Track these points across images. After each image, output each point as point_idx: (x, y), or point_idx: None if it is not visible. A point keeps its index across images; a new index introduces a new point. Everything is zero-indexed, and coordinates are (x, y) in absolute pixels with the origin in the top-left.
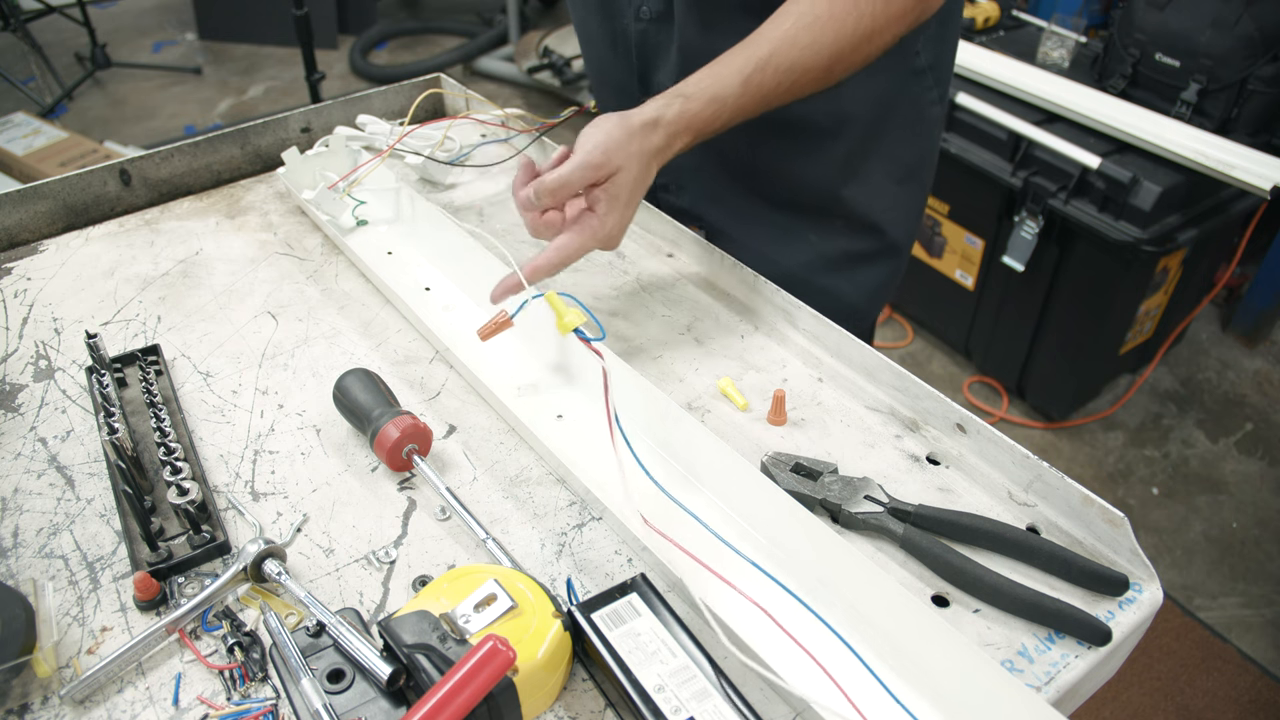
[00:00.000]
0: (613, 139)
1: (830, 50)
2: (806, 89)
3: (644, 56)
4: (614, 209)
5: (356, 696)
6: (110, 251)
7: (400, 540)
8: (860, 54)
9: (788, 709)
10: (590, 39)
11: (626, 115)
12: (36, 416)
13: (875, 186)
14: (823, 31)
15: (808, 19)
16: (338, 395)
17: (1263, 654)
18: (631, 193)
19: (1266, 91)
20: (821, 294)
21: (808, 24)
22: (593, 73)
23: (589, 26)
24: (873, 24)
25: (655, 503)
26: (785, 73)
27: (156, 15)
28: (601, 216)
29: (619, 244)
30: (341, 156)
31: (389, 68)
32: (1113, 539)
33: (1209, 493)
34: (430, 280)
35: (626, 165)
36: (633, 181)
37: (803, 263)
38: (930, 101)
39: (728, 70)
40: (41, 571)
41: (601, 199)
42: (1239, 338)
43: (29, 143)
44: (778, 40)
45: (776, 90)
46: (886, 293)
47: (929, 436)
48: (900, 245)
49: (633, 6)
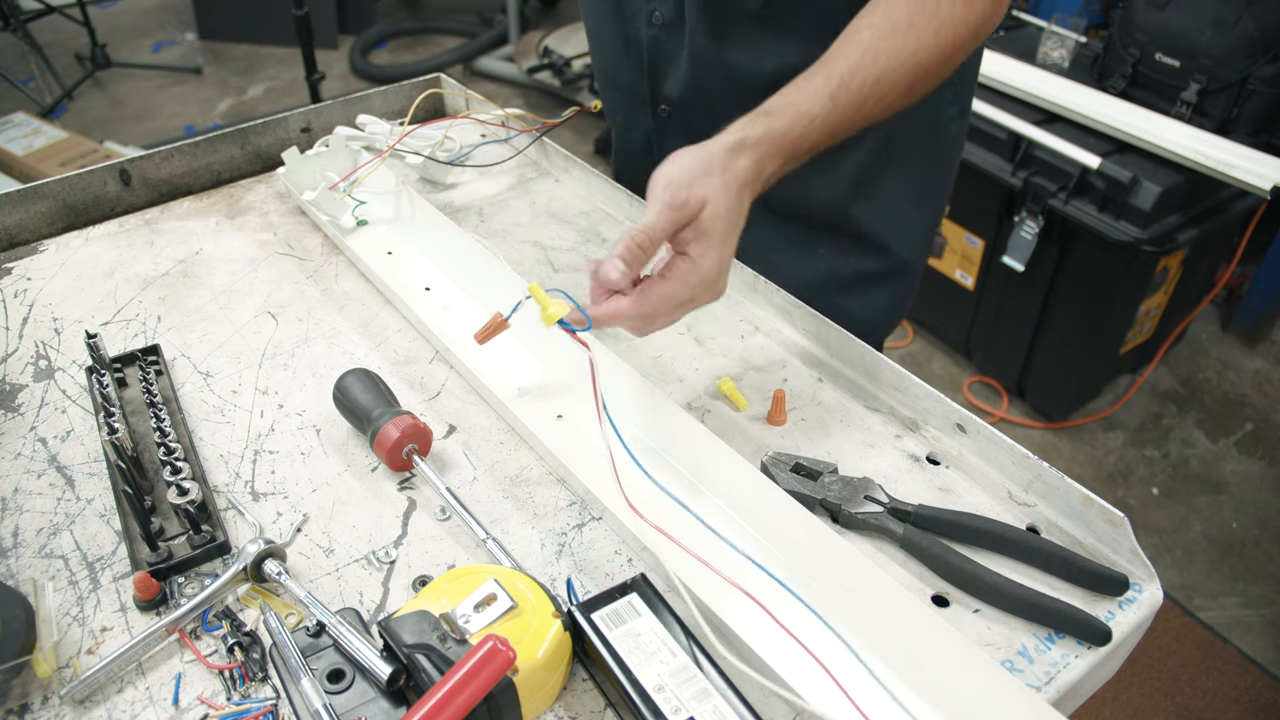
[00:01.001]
0: (689, 172)
1: (911, 63)
2: (891, 105)
3: (655, 61)
4: (709, 248)
5: (356, 696)
6: (110, 251)
7: (400, 540)
8: (943, 66)
9: (788, 709)
10: (602, 42)
11: (703, 145)
12: (36, 416)
13: (887, 205)
14: (904, 42)
15: (884, 28)
16: (338, 395)
17: (1263, 654)
18: (726, 229)
19: (1266, 91)
20: (831, 312)
21: (886, 33)
22: (602, 75)
23: (601, 29)
24: (953, 33)
25: (648, 496)
26: (871, 87)
27: (156, 15)
28: (696, 258)
29: (723, 290)
30: (341, 156)
31: (389, 68)
32: (1113, 539)
33: (1209, 493)
34: (430, 280)
35: (713, 197)
36: (725, 215)
37: (812, 277)
38: (950, 118)
39: (812, 86)
40: (41, 571)
41: (691, 239)
42: (1239, 338)
43: (29, 143)
44: (859, 53)
45: (863, 106)
46: (897, 313)
47: (929, 436)
48: (912, 267)
49: (645, 11)
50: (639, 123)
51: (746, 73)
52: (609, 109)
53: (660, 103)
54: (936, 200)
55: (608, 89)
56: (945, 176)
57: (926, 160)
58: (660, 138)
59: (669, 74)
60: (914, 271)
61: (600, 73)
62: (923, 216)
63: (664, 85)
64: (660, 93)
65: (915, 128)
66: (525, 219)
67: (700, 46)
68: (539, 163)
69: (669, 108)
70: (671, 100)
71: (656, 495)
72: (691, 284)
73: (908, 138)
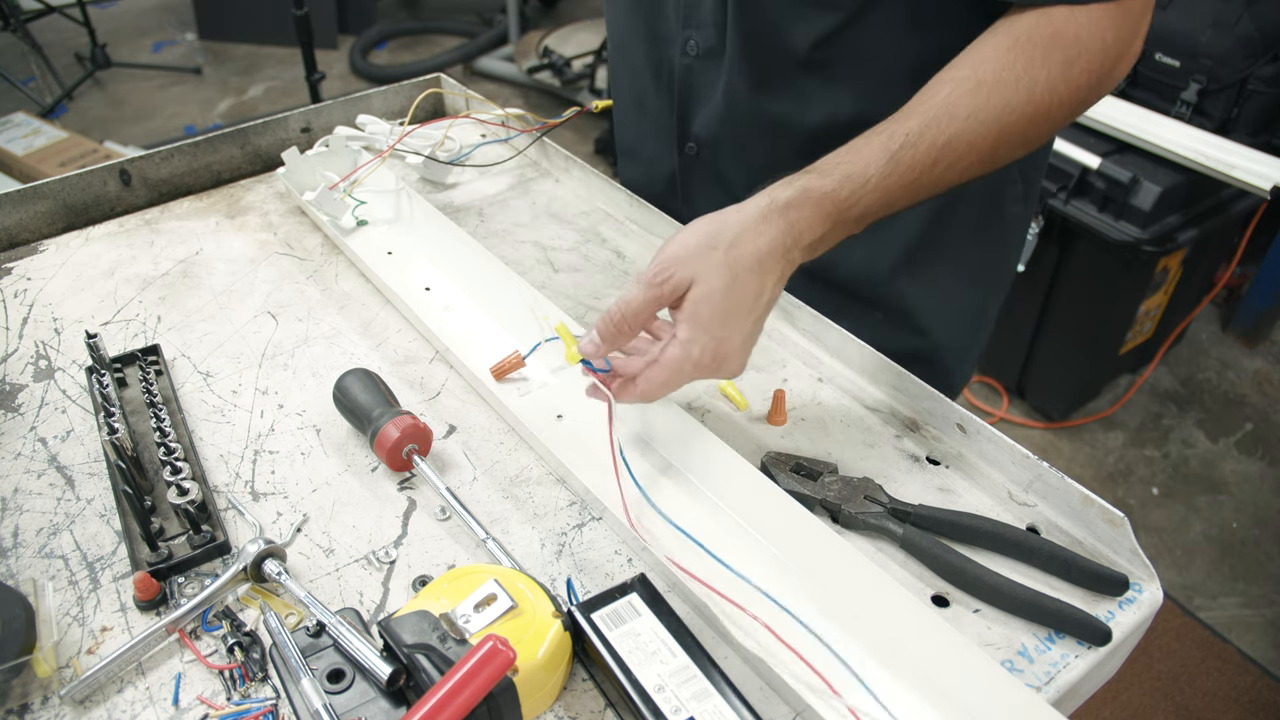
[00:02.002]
0: (686, 247)
1: (995, 124)
2: (968, 170)
3: (686, 94)
4: (697, 332)
5: (356, 696)
6: (110, 251)
7: (400, 540)
8: (1033, 131)
9: (788, 709)
10: (632, 65)
11: (724, 212)
12: (36, 416)
13: (930, 284)
14: (988, 100)
15: (968, 84)
16: (338, 395)
17: (1263, 654)
18: (723, 310)
19: (1266, 91)
20: None
21: (969, 89)
22: (628, 101)
23: (630, 50)
24: (1049, 95)
25: (659, 525)
26: (942, 149)
27: (156, 15)
28: (683, 343)
29: (737, 369)
30: (341, 156)
31: (389, 68)
32: (1113, 539)
33: (1209, 493)
34: (430, 280)
35: (702, 276)
36: (720, 295)
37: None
38: (1012, 198)
39: (870, 145)
40: (41, 571)
41: (680, 321)
42: (1239, 338)
43: (29, 143)
44: (933, 110)
45: (932, 170)
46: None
47: (929, 436)
48: (951, 351)
49: (680, 39)
50: (663, 159)
51: (787, 120)
52: (633, 138)
53: (688, 140)
54: (991, 284)
55: (635, 116)
56: (1001, 260)
57: (980, 241)
58: (684, 178)
59: (700, 110)
60: (955, 357)
61: (627, 98)
62: (972, 299)
63: (693, 121)
64: (689, 129)
65: (971, 204)
66: (525, 219)
67: (737, 86)
68: (539, 163)
69: (696, 146)
70: (700, 139)
71: (664, 525)
72: (685, 371)
73: (962, 214)
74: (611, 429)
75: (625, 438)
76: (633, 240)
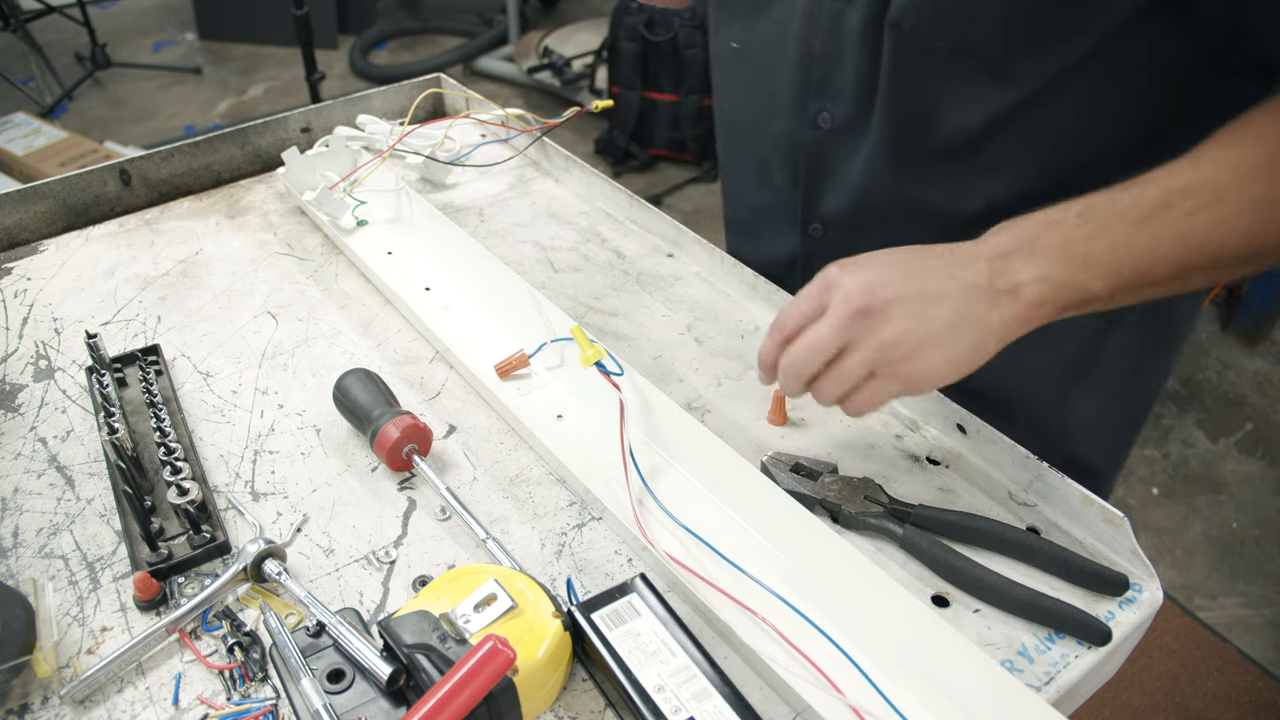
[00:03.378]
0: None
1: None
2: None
3: (814, 171)
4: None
5: (356, 696)
6: (110, 251)
7: (400, 540)
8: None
9: (788, 709)
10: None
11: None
12: (36, 416)
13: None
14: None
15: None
16: (338, 395)
17: (1263, 654)
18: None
19: None
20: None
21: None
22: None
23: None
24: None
25: (660, 525)
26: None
27: (156, 15)
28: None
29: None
30: (341, 156)
31: (389, 68)
32: (1113, 539)
33: (1209, 493)
34: (430, 280)
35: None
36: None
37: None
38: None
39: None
40: (41, 571)
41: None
42: (1239, 338)
43: (29, 143)
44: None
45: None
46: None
47: (929, 436)
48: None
49: (811, 110)
50: (783, 238)
51: (938, 206)
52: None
53: (813, 221)
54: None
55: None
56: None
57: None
58: (806, 262)
59: (830, 189)
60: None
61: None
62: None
63: (821, 201)
64: (815, 209)
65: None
66: (525, 219)
67: (880, 166)
68: (539, 163)
69: (822, 227)
70: (828, 220)
71: (673, 526)
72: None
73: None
74: (623, 430)
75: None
76: (633, 240)
